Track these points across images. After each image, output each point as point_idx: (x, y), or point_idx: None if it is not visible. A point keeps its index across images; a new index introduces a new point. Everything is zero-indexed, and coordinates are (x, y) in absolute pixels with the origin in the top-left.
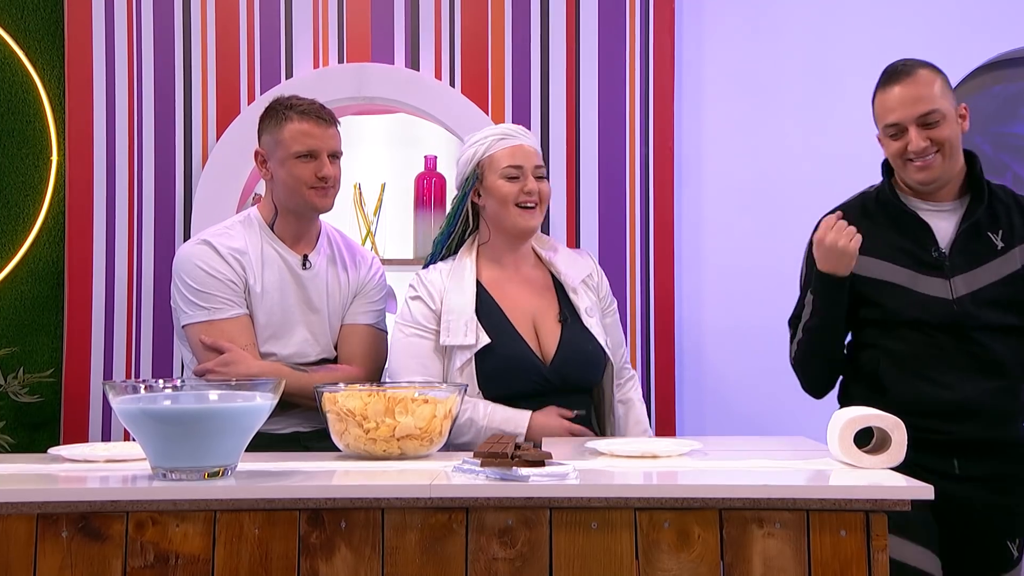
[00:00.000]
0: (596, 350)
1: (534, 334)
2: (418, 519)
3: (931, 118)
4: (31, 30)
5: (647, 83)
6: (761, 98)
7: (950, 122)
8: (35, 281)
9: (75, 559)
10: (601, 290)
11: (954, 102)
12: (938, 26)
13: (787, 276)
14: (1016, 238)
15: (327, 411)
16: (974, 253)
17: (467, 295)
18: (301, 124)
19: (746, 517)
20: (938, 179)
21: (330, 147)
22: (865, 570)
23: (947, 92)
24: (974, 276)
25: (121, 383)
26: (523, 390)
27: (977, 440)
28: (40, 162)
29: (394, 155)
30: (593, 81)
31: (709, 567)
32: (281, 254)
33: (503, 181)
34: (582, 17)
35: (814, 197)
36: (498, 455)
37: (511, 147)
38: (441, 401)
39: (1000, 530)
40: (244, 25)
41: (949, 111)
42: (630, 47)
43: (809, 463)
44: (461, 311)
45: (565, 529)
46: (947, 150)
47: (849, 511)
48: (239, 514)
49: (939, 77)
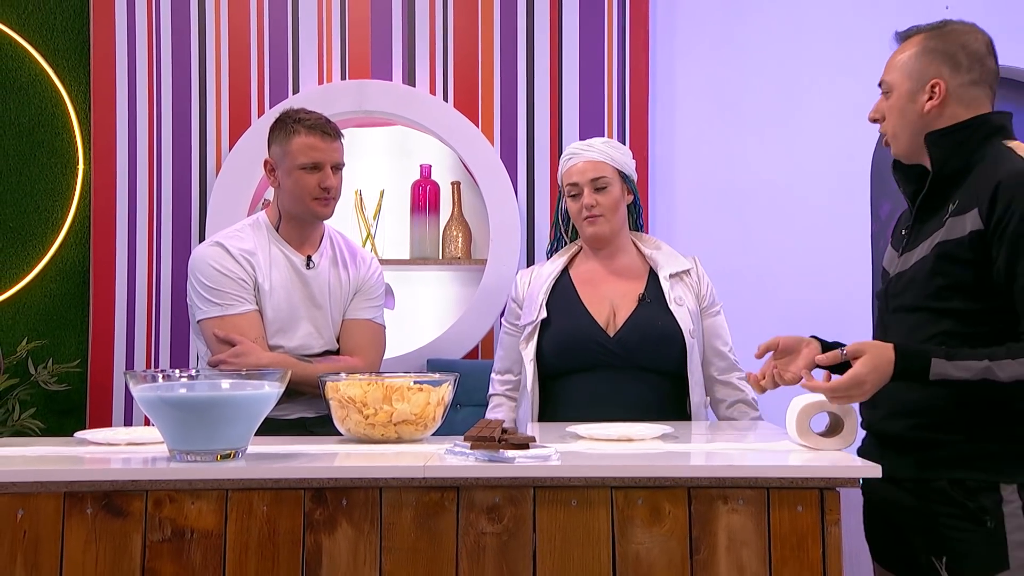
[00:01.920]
0: (669, 328)
1: (608, 312)
2: (413, 497)
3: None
4: (60, 51)
5: (624, 98)
6: (727, 111)
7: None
8: (63, 279)
9: (99, 534)
10: (701, 289)
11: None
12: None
13: (752, 275)
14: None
15: (330, 398)
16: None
17: (545, 281)
18: (308, 138)
19: (712, 495)
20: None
21: (333, 160)
22: (819, 543)
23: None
24: (913, 253)
25: (141, 373)
26: (586, 364)
27: (884, 433)
28: (68, 171)
29: (392, 164)
30: (575, 97)
31: (678, 540)
32: (287, 255)
33: (569, 200)
34: (564, 36)
35: (776, 201)
36: (486, 439)
37: (571, 167)
38: (435, 389)
39: (926, 545)
40: (255, 44)
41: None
42: (608, 65)
43: (769, 446)
44: (535, 294)
45: (547, 506)
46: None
47: (805, 489)
48: (249, 493)
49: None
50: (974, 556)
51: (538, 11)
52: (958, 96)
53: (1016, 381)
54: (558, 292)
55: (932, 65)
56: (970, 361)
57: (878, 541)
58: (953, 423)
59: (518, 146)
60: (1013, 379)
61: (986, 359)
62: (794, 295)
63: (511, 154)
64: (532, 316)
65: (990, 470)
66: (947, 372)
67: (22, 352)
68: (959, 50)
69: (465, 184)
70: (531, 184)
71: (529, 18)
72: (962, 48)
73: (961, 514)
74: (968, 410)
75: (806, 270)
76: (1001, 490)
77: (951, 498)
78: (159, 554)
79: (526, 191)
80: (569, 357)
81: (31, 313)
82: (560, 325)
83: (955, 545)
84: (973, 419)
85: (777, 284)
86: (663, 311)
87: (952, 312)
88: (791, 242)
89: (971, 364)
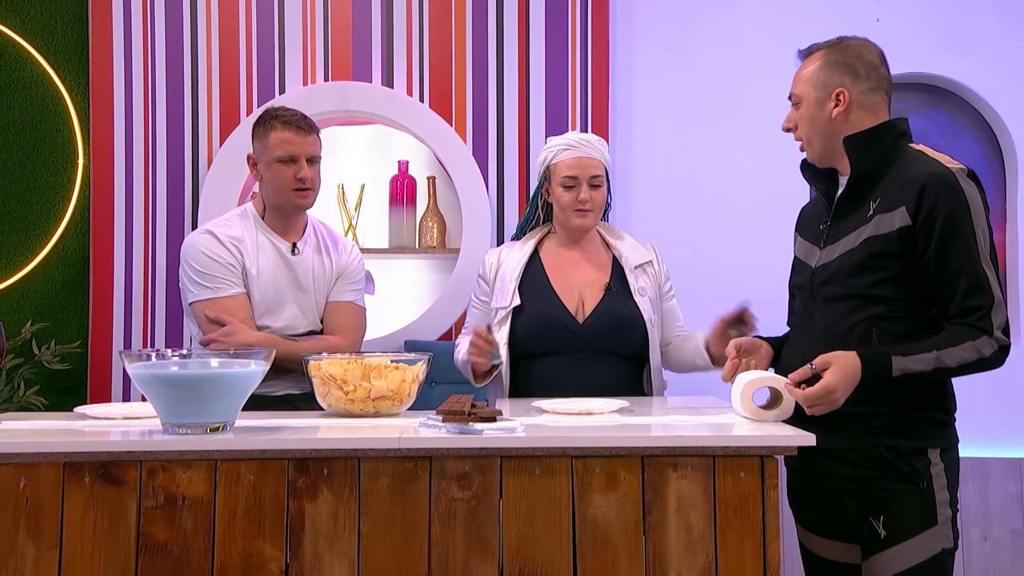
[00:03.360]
0: (633, 317)
1: (577, 300)
2: (389, 467)
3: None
4: (61, 53)
5: (586, 100)
6: (680, 113)
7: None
8: (64, 266)
9: (96, 501)
10: (661, 277)
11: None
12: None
13: (705, 267)
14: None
15: (312, 376)
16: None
17: (516, 266)
18: (283, 132)
19: (663, 463)
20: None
21: (308, 152)
22: (760, 505)
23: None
24: (836, 246)
25: (135, 352)
26: (555, 347)
27: (834, 413)
28: (68, 165)
29: (372, 160)
30: (541, 99)
31: (632, 504)
32: (273, 242)
33: (561, 189)
34: (531, 43)
35: (726, 197)
36: (457, 413)
37: (571, 158)
38: (410, 367)
39: (863, 507)
40: (243, 47)
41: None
42: (571, 70)
43: (716, 418)
44: (507, 279)
45: (513, 474)
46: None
47: (747, 456)
48: (236, 463)
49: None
50: (909, 514)
51: (507, 19)
52: (860, 102)
53: (961, 365)
54: (529, 276)
55: (835, 76)
56: (922, 354)
57: (806, 508)
58: (886, 398)
59: (489, 144)
60: (959, 363)
61: (934, 350)
62: (740, 285)
63: (482, 151)
64: (504, 302)
65: (920, 437)
66: (907, 367)
67: (26, 333)
68: (856, 61)
69: (440, 179)
70: (500, 179)
71: (499, 25)
72: (859, 59)
73: (898, 477)
74: (896, 386)
75: (751, 261)
76: (928, 454)
77: (888, 463)
78: (153, 519)
79: (496, 185)
80: (541, 341)
81: (35, 297)
82: (532, 310)
83: (892, 505)
84: (900, 393)
85: (724, 275)
86: (627, 300)
87: (881, 299)
88: (737, 234)
89: (924, 356)
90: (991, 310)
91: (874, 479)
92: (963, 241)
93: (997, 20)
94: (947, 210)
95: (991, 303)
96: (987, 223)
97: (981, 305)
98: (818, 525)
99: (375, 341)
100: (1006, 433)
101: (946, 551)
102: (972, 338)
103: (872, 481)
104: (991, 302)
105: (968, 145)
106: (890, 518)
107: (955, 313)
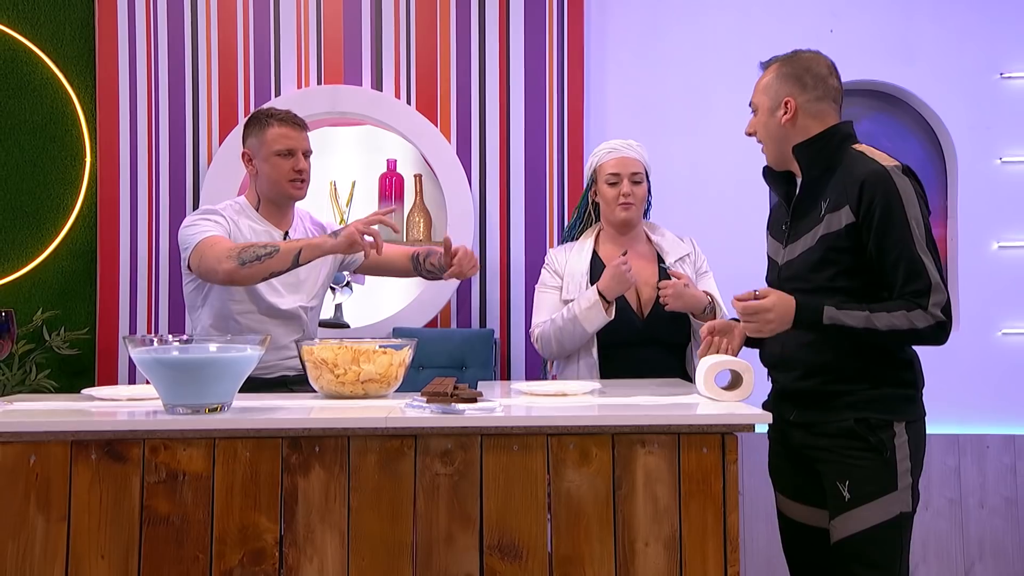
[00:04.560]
0: (682, 313)
1: (636, 295)
2: (376, 444)
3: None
4: (69, 58)
5: (563, 104)
6: (649, 116)
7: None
8: (73, 257)
9: (102, 476)
10: (697, 263)
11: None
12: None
13: None
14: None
15: (305, 360)
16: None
17: (584, 262)
18: (281, 128)
19: (632, 440)
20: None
21: (303, 147)
22: (721, 478)
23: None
24: (797, 244)
25: (139, 338)
26: (621, 339)
27: (799, 390)
28: (76, 162)
29: (362, 159)
30: (520, 103)
31: (604, 479)
32: (267, 230)
33: (607, 186)
34: (511, 50)
35: (691, 191)
36: (440, 394)
37: (615, 159)
38: (397, 352)
39: (832, 473)
40: (241, 53)
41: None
42: (549, 76)
43: (681, 398)
44: (576, 273)
45: (493, 451)
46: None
47: (709, 433)
48: (234, 441)
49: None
50: (872, 480)
51: (489, 27)
52: (806, 110)
53: (891, 329)
54: (595, 273)
55: (784, 86)
56: (855, 311)
57: (783, 476)
58: (856, 375)
59: (472, 144)
60: (889, 328)
61: (866, 310)
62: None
63: (466, 151)
64: (576, 292)
65: (887, 411)
66: (838, 318)
67: (38, 321)
68: (805, 73)
69: (426, 177)
70: (483, 176)
71: (481, 33)
72: (807, 71)
73: (864, 447)
74: (868, 365)
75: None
76: (895, 427)
77: (857, 434)
78: (155, 494)
79: (479, 183)
80: (607, 334)
81: (45, 287)
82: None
83: (857, 472)
84: (872, 371)
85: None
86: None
87: (840, 290)
88: (702, 229)
89: (856, 313)
90: (929, 291)
91: (844, 448)
92: (898, 231)
93: (939, 31)
94: (882, 204)
95: (928, 285)
96: (922, 213)
97: (918, 289)
98: (794, 491)
99: (365, 328)
100: (1002, 413)
101: (904, 514)
102: (907, 309)
103: (842, 450)
104: (928, 284)
105: (913, 147)
106: (855, 483)
107: (898, 296)
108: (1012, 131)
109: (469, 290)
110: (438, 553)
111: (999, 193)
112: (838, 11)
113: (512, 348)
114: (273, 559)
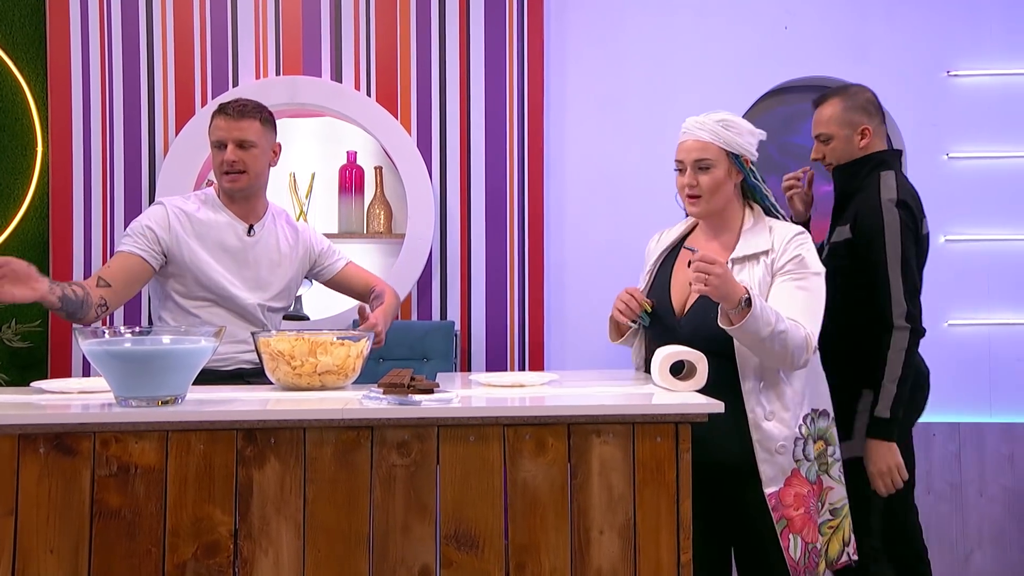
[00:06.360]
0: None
1: (685, 294)
2: (333, 436)
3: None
4: (19, 43)
5: (523, 98)
6: (610, 113)
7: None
8: (25, 249)
9: (51, 470)
10: (778, 263)
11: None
12: (737, 57)
13: (630, 252)
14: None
15: (262, 352)
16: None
17: (662, 245)
18: (217, 120)
19: (587, 430)
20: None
21: (234, 137)
22: (674, 467)
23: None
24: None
25: (90, 329)
26: (661, 338)
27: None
28: (28, 152)
29: (322, 150)
30: (481, 96)
31: (560, 468)
32: (231, 222)
33: (677, 174)
34: (472, 42)
35: (651, 188)
36: (397, 385)
37: (680, 143)
38: (354, 344)
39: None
40: (198, 40)
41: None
42: (509, 68)
43: (637, 389)
44: (651, 257)
45: (449, 442)
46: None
47: (663, 423)
48: (187, 433)
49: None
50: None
51: (449, 18)
52: (878, 134)
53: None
54: (666, 263)
55: (857, 116)
56: (769, 313)
57: None
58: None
59: (432, 136)
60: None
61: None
62: None
63: (426, 143)
64: (641, 284)
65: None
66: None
67: None
68: (867, 103)
69: (386, 168)
70: (443, 169)
71: (442, 24)
72: (868, 101)
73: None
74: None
75: None
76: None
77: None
78: (106, 487)
79: (439, 175)
80: (652, 333)
81: None
82: (649, 298)
83: None
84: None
85: None
86: None
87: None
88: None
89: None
90: (890, 308)
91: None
92: (874, 258)
93: (889, 30)
94: (868, 235)
95: (890, 303)
96: (901, 242)
97: (884, 308)
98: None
99: (325, 320)
100: (949, 403)
101: (856, 458)
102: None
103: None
104: (891, 303)
105: None
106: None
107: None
108: (958, 128)
109: (430, 282)
110: (395, 544)
111: (946, 188)
112: (793, 8)
113: (473, 340)
114: (228, 552)
